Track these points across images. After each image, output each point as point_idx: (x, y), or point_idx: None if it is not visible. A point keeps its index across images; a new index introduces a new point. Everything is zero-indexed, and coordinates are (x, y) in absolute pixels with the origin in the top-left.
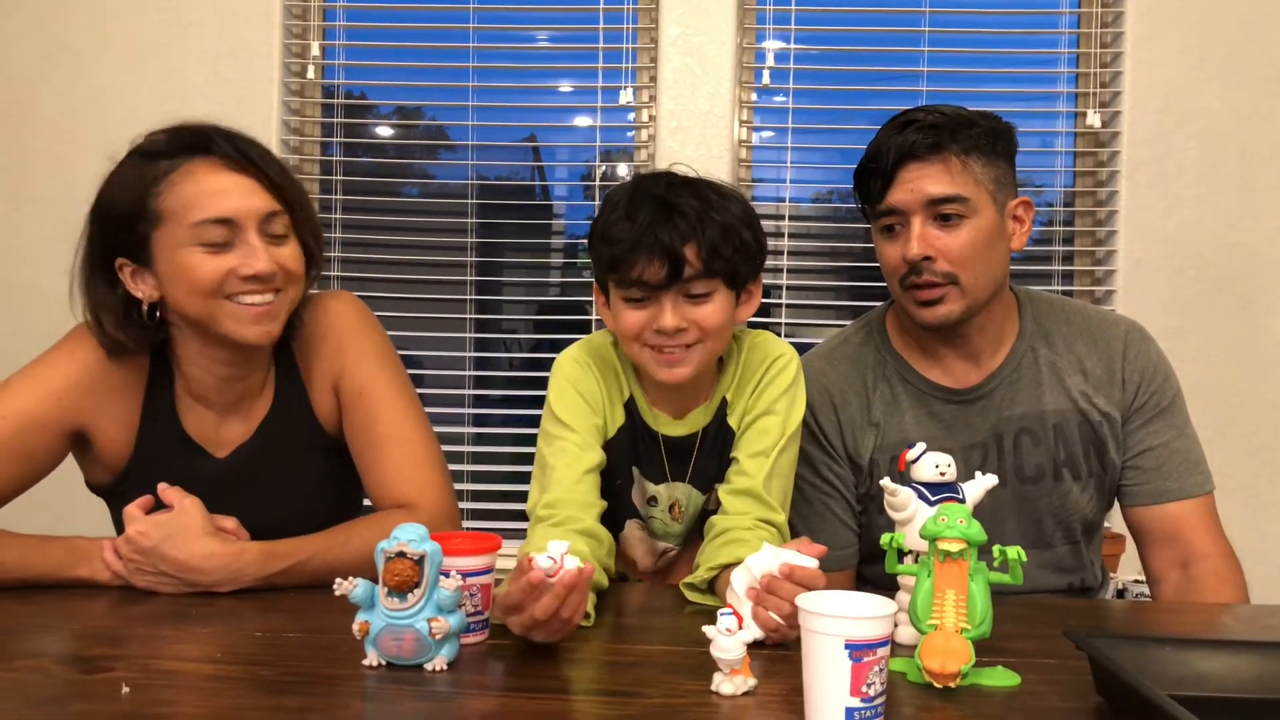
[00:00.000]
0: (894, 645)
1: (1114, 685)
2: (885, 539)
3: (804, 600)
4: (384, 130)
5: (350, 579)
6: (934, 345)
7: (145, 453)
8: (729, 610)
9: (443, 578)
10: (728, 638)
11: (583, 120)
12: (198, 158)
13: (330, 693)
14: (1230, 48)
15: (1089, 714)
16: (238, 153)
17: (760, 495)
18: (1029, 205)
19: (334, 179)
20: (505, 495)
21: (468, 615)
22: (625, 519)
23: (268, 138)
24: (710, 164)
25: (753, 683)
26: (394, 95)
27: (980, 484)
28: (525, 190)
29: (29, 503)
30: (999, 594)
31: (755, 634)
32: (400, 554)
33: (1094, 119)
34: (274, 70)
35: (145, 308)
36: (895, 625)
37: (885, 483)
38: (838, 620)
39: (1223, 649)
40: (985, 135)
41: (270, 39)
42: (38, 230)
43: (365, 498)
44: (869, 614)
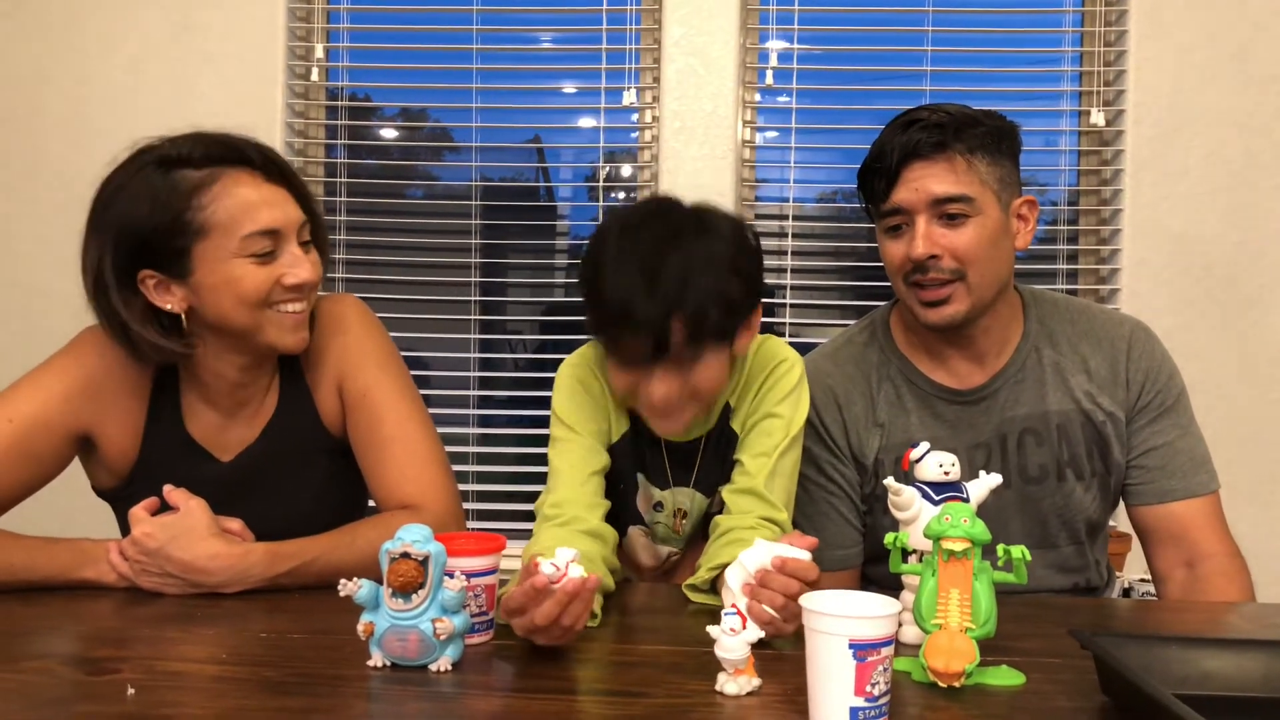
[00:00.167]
0: (898, 645)
1: (1119, 684)
2: (889, 538)
3: (808, 600)
4: (388, 132)
5: (355, 580)
6: (939, 346)
7: (151, 456)
8: (733, 610)
9: (447, 578)
10: (731, 637)
11: (586, 121)
12: (232, 169)
13: (335, 694)
14: (1235, 46)
15: (1094, 713)
16: (270, 163)
17: (762, 494)
18: (1033, 204)
19: (338, 181)
20: (510, 496)
21: (472, 616)
22: (629, 524)
23: (272, 140)
24: (713, 164)
25: (757, 683)
26: (398, 97)
27: (984, 483)
28: (529, 191)
29: (35, 505)
30: (1003, 593)
31: (759, 633)
32: (404, 555)
33: (1098, 117)
34: (278, 72)
35: (183, 319)
36: (899, 625)
37: (889, 482)
38: (842, 620)
39: (1228, 648)
40: (990, 134)
41: (275, 41)
42: (44, 233)
43: (370, 499)
44: (873, 613)
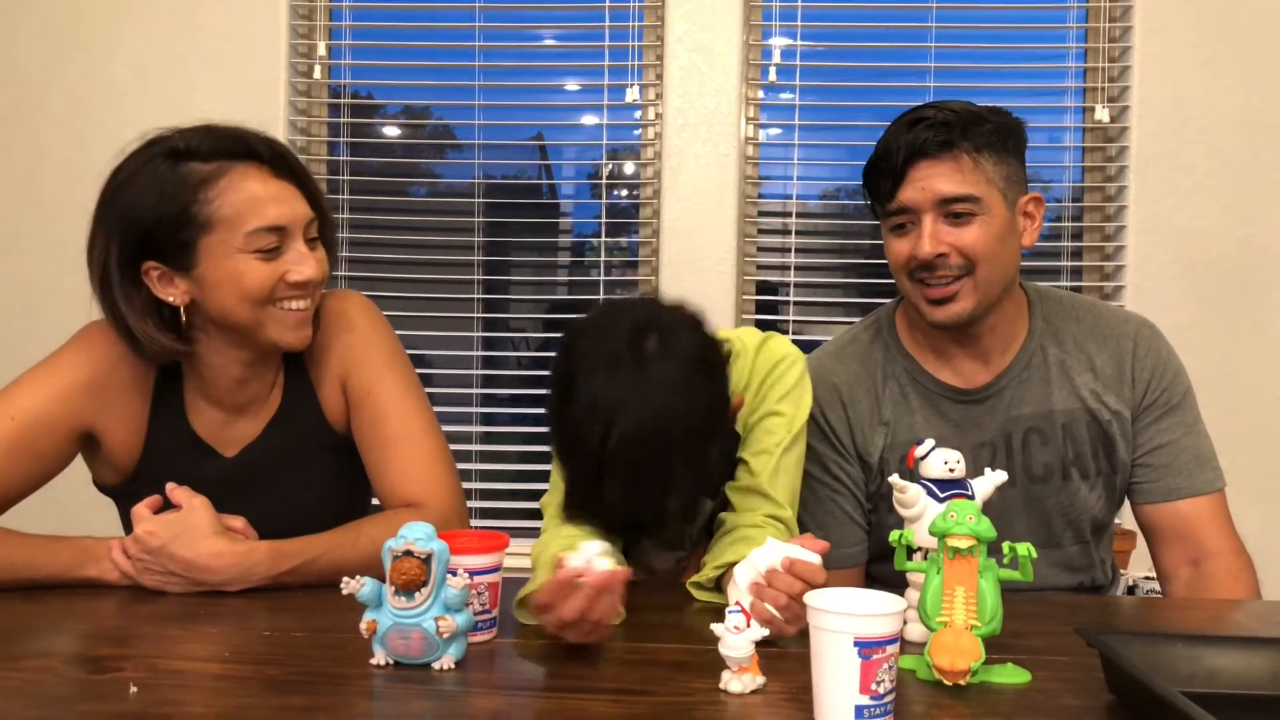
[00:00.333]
0: (903, 643)
1: (1125, 682)
2: (894, 536)
3: (813, 598)
4: (391, 130)
5: (358, 578)
6: (944, 344)
7: (154, 453)
8: (737, 608)
9: (450, 576)
10: (736, 635)
11: (589, 119)
12: (240, 163)
13: (338, 692)
14: (1240, 42)
15: (1100, 711)
16: (279, 158)
17: (765, 491)
18: (1040, 201)
19: (341, 179)
20: (513, 494)
21: (475, 614)
22: None
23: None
24: (717, 161)
25: (761, 680)
26: (401, 95)
27: (990, 480)
28: (532, 189)
29: (38, 503)
30: (1009, 591)
31: (764, 632)
32: (407, 553)
33: (1103, 114)
34: (281, 70)
35: (183, 312)
36: (905, 622)
37: (894, 479)
38: (847, 618)
39: (1235, 645)
40: (996, 132)
41: (277, 39)
42: (48, 230)
43: (373, 497)
44: (878, 611)
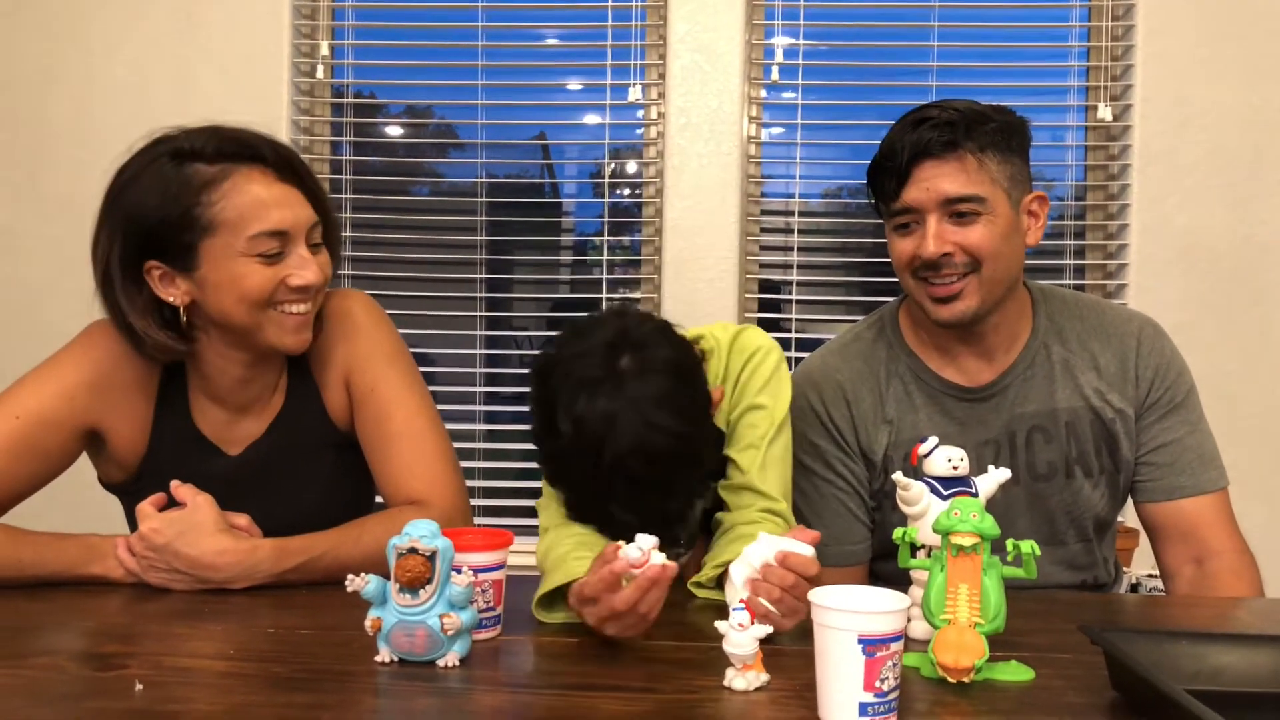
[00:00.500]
0: (907, 640)
1: (1130, 680)
2: (898, 533)
3: (817, 595)
4: (393, 129)
5: (362, 575)
6: (948, 343)
7: (159, 451)
8: (741, 605)
9: (454, 574)
10: (740, 633)
11: (592, 118)
12: (245, 166)
13: (342, 689)
14: (1243, 40)
15: (1104, 709)
16: (284, 161)
17: (756, 487)
18: (1044, 200)
19: (344, 178)
20: (517, 492)
21: (480, 611)
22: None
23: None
24: (719, 161)
25: (765, 678)
26: (403, 94)
27: (993, 477)
28: (535, 188)
29: (44, 501)
30: (1012, 589)
31: (767, 629)
32: (412, 550)
33: (1105, 112)
34: (283, 70)
35: (183, 312)
36: (908, 620)
37: (898, 477)
38: (851, 615)
39: (1239, 643)
40: (1000, 131)
41: (280, 39)
42: (50, 230)
43: (377, 494)
44: (882, 609)
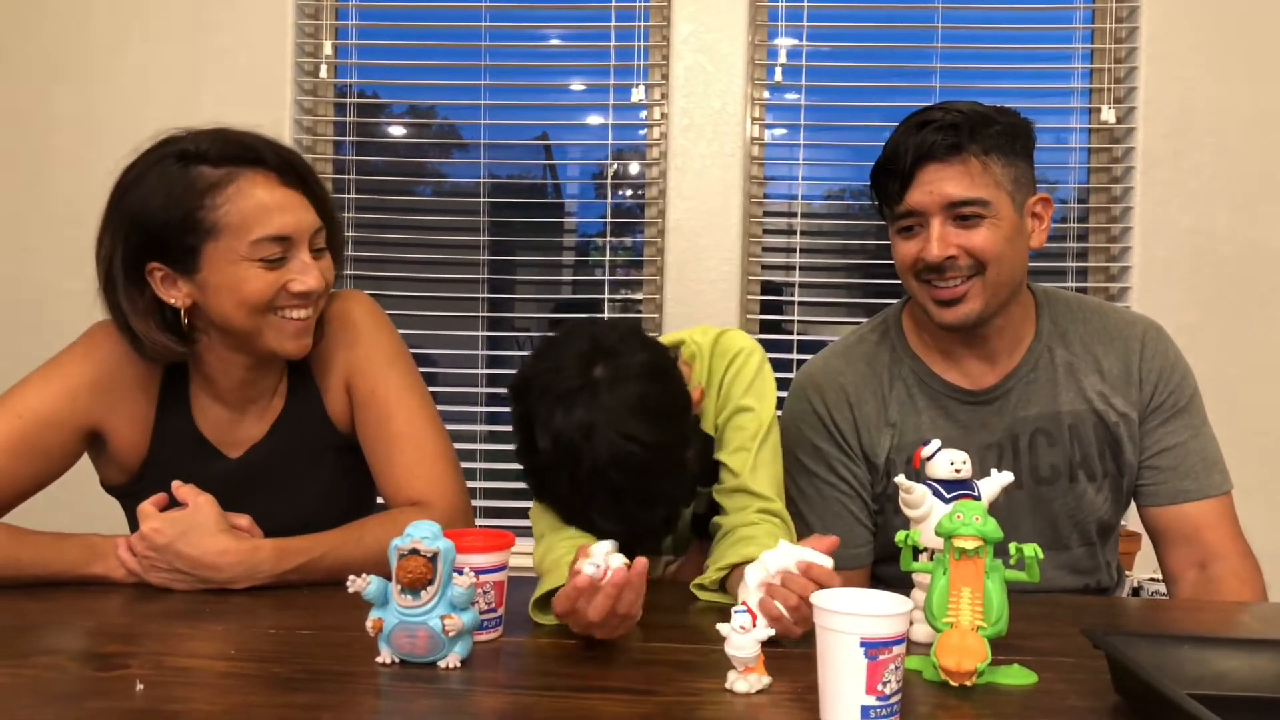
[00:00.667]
0: (909, 643)
1: (1133, 684)
2: (900, 536)
3: (819, 598)
4: (396, 130)
5: (364, 576)
6: (951, 346)
7: (160, 452)
8: (743, 608)
9: (456, 575)
10: (742, 635)
11: (595, 119)
12: (249, 170)
13: (343, 690)
14: (1247, 43)
15: (1107, 713)
16: (287, 166)
17: (749, 488)
18: (1048, 202)
19: (347, 178)
20: (518, 493)
21: (481, 612)
22: None
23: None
24: (722, 162)
25: (767, 680)
26: (406, 95)
27: (996, 481)
28: (537, 189)
29: (46, 501)
30: (1015, 592)
31: (769, 632)
32: (413, 551)
33: (1109, 115)
34: (287, 70)
35: (183, 314)
36: (911, 623)
37: (900, 479)
38: (853, 618)
39: (1242, 648)
40: (1004, 133)
41: (283, 39)
42: (55, 230)
43: (378, 496)
44: (884, 612)
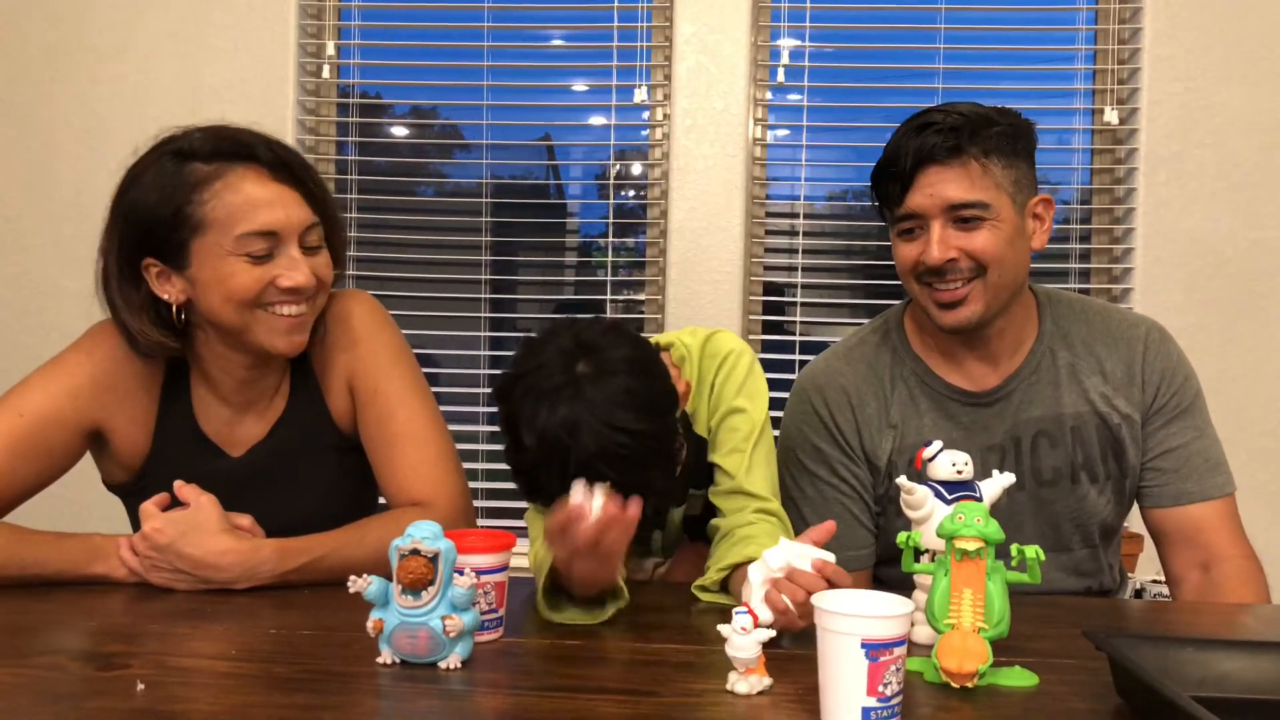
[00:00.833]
0: (911, 645)
1: (1134, 686)
2: (902, 538)
3: (820, 599)
4: (399, 130)
5: (365, 576)
6: (953, 347)
7: (161, 451)
8: (744, 609)
9: (457, 575)
10: (743, 636)
11: (597, 119)
12: (240, 165)
13: (344, 690)
14: (1250, 44)
15: (1108, 715)
16: (280, 162)
17: (745, 489)
18: (1049, 203)
19: (349, 179)
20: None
21: (482, 613)
22: None
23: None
24: (724, 163)
25: (768, 682)
26: (409, 95)
27: (998, 482)
28: (540, 190)
29: (47, 500)
30: (1016, 594)
31: (770, 633)
32: (414, 551)
33: (1112, 116)
34: (289, 70)
35: (175, 310)
36: (912, 624)
37: (902, 480)
38: (854, 619)
39: (1245, 650)
40: (1005, 135)
41: (285, 39)
42: (57, 229)
43: (380, 496)
44: (886, 613)
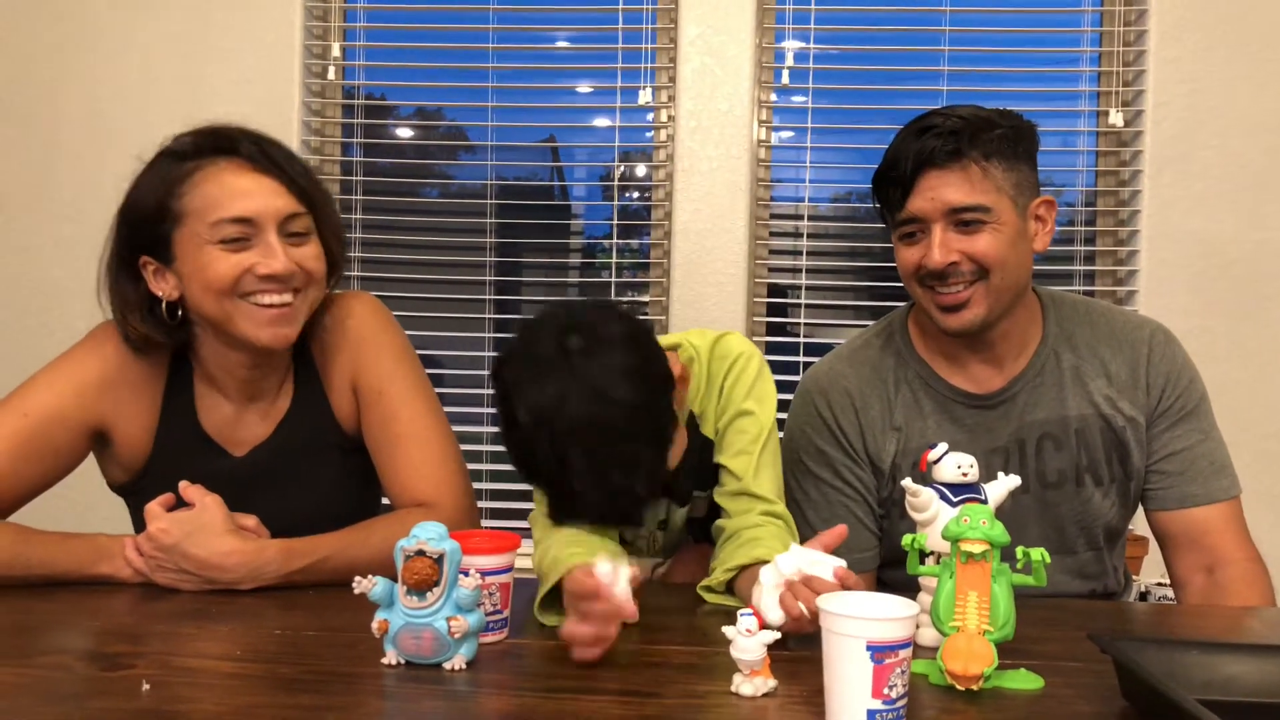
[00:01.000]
0: (916, 647)
1: (1140, 689)
2: (907, 540)
3: (825, 601)
4: (404, 131)
5: (369, 577)
6: (957, 350)
7: (164, 451)
8: (749, 611)
9: (462, 576)
10: (748, 638)
11: (602, 121)
12: (221, 159)
13: (349, 691)
14: (1256, 45)
15: (1114, 718)
16: (261, 154)
17: (753, 491)
18: (1051, 204)
19: (354, 180)
20: (524, 495)
21: (486, 614)
22: None
23: (288, 139)
24: (729, 164)
25: (773, 684)
26: (414, 96)
27: (1003, 484)
28: (544, 191)
29: (53, 501)
30: (1022, 596)
31: (775, 635)
32: (419, 552)
33: (1116, 118)
34: (295, 71)
35: (165, 306)
36: (917, 627)
37: (907, 483)
38: (859, 621)
39: (1251, 653)
40: (1006, 137)
41: (291, 40)
42: (61, 230)
43: (384, 497)
44: (891, 615)
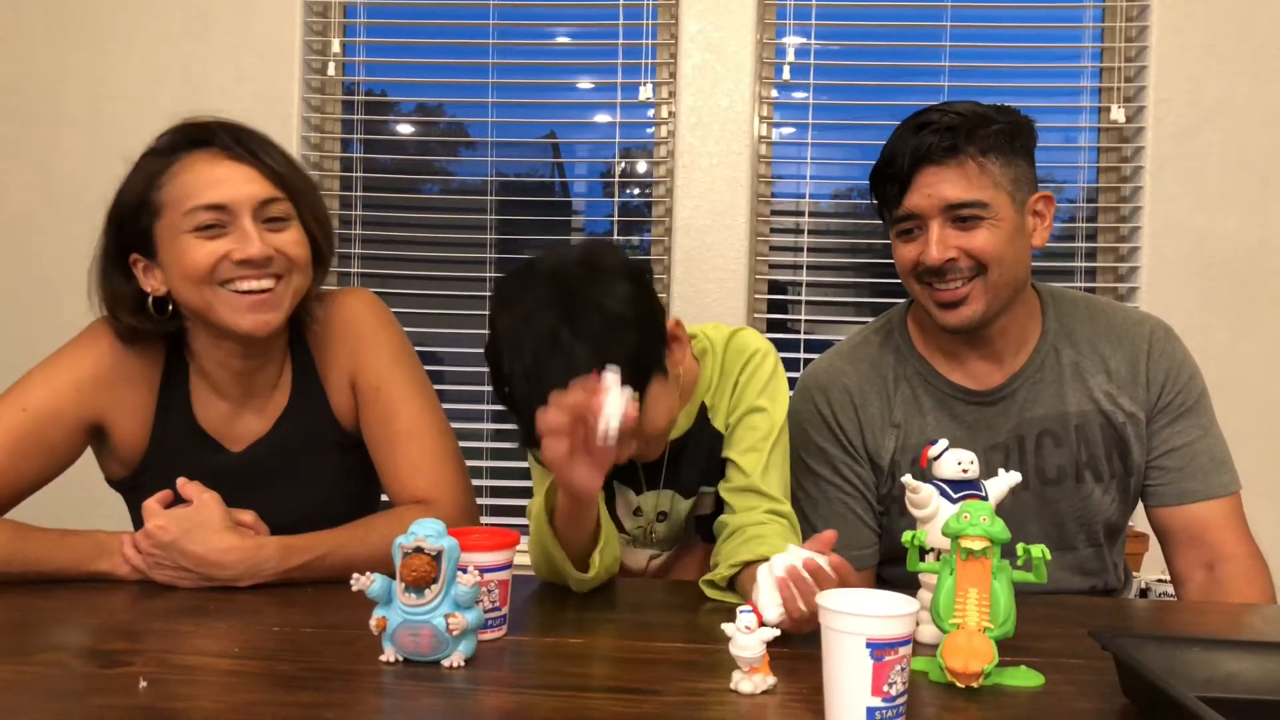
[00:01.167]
0: (916, 644)
1: (1140, 686)
2: (907, 536)
3: (825, 598)
4: (404, 128)
5: (368, 574)
6: (956, 346)
7: (160, 446)
8: (748, 608)
9: (460, 573)
10: (747, 635)
11: (602, 117)
12: (197, 150)
13: (347, 688)
14: (1258, 42)
15: (1114, 715)
16: (235, 142)
17: (760, 489)
18: (1050, 200)
19: (354, 176)
20: (523, 491)
21: (485, 611)
22: None
23: (288, 135)
24: (729, 160)
25: (772, 681)
26: (414, 93)
27: (1003, 481)
28: (545, 187)
29: (51, 497)
30: (1022, 593)
31: (774, 632)
32: (418, 549)
33: (1118, 114)
34: (295, 68)
35: (152, 301)
36: (917, 624)
37: (907, 480)
38: (859, 619)
39: (1252, 650)
40: (1003, 133)
41: (291, 37)
42: (61, 227)
43: (382, 493)
44: (891, 612)
